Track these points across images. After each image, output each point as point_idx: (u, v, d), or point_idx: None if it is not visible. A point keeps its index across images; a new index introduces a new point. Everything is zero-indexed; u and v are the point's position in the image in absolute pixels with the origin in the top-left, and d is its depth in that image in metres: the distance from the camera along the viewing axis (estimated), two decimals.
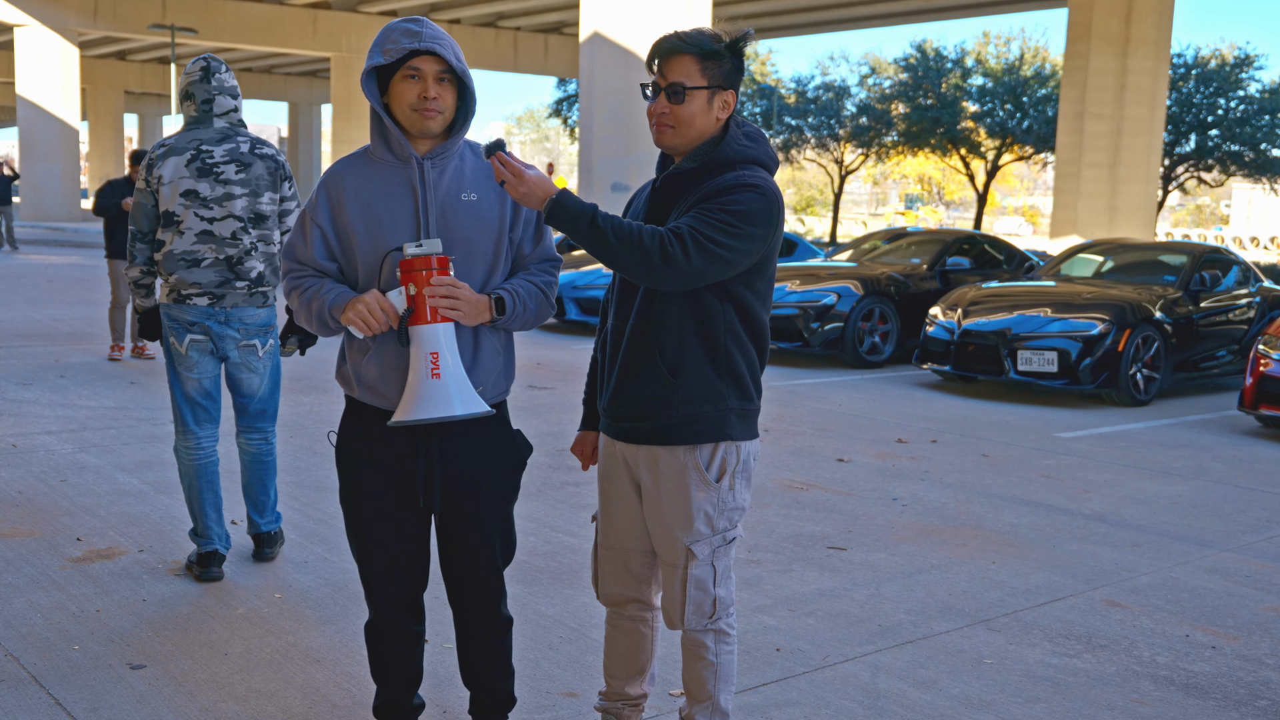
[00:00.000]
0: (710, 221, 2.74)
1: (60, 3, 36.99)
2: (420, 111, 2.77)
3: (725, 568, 3.01)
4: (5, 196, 24.80)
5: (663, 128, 2.85)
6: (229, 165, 4.59)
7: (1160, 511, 6.35)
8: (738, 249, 2.76)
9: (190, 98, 4.67)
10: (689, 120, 2.83)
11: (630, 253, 2.68)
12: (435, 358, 2.73)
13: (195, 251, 4.58)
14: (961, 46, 41.22)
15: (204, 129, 4.64)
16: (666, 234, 2.70)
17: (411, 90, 2.76)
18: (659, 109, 2.84)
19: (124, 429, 7.45)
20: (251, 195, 4.63)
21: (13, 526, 5.28)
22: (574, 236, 2.70)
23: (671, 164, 2.94)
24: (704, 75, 2.81)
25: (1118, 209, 25.12)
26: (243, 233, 4.62)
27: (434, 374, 2.72)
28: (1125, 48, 24.69)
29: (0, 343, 11.06)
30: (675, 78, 2.81)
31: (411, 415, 2.73)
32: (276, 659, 3.92)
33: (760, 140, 2.93)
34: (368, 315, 2.73)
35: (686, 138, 2.85)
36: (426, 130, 2.79)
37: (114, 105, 59.86)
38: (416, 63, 2.75)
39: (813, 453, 7.55)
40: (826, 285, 11.90)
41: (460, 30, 43.20)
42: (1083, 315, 9.99)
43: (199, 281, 4.59)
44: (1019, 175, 78.30)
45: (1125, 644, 4.35)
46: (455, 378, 2.75)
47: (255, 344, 4.73)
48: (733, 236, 2.75)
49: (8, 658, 3.83)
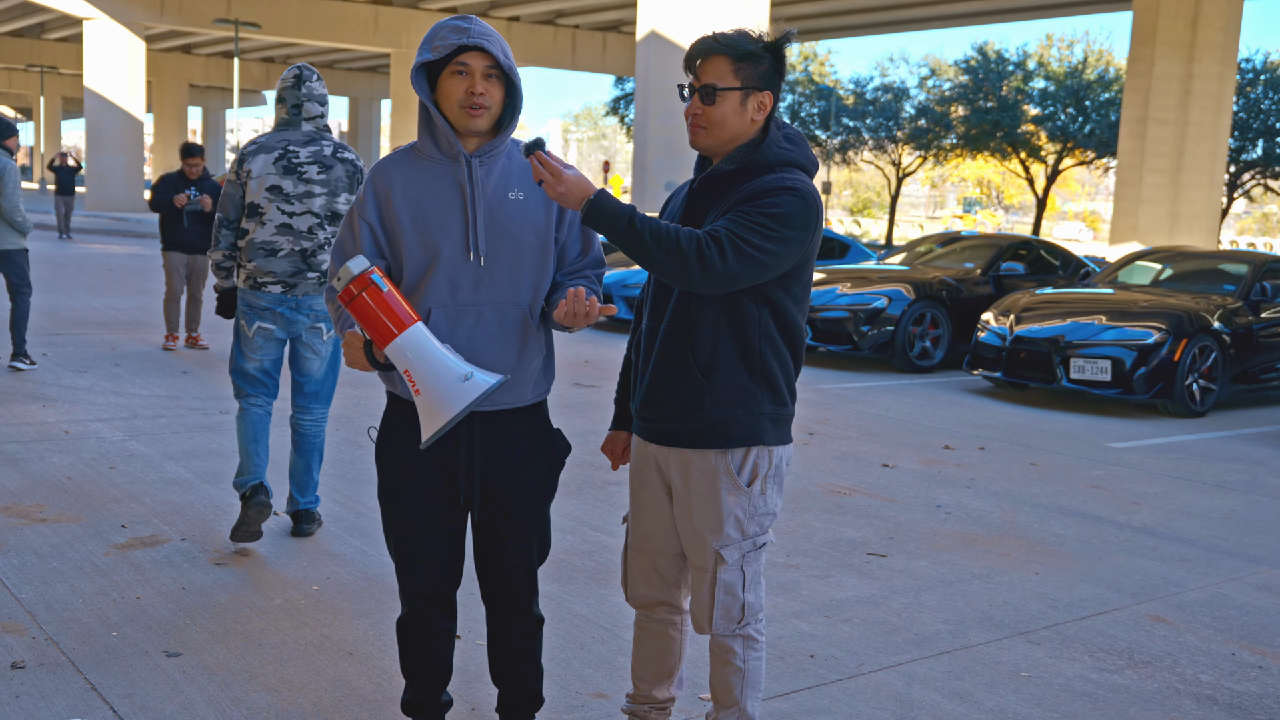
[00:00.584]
0: (747, 224, 2.71)
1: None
2: (467, 108, 2.76)
3: (755, 573, 2.99)
4: (69, 187, 25.29)
5: (696, 129, 2.83)
6: (312, 166, 4.96)
7: (1211, 526, 6.22)
8: (775, 252, 2.74)
9: (282, 101, 5.08)
10: (721, 121, 2.81)
11: (667, 255, 2.67)
12: (409, 375, 2.65)
13: (274, 242, 4.94)
14: (1024, 49, 40.81)
15: (292, 131, 5.03)
16: (704, 237, 2.68)
17: (459, 86, 2.76)
18: (693, 110, 2.82)
19: (174, 418, 7.55)
20: (330, 195, 4.98)
21: (61, 512, 5.36)
22: (611, 238, 2.69)
23: (709, 165, 2.92)
24: (738, 76, 2.79)
25: (1179, 216, 24.71)
26: (318, 228, 4.97)
27: (415, 391, 2.66)
28: (1191, 52, 24.28)
29: (58, 330, 11.26)
30: (708, 79, 2.79)
31: (427, 434, 2.68)
32: (310, 651, 3.94)
33: (800, 143, 2.90)
34: (354, 364, 2.74)
35: (719, 139, 2.83)
36: (473, 127, 2.79)
37: (179, 98, 60.81)
38: (465, 59, 2.75)
39: (857, 457, 7.49)
40: (877, 288, 11.80)
41: (519, 27, 43.40)
42: (1138, 324, 9.83)
43: (274, 270, 4.95)
44: (1080, 180, 77.27)
45: (1168, 661, 4.27)
46: (439, 381, 2.63)
47: (321, 327, 5.06)
48: (770, 240, 2.72)
49: (48, 642, 3.88)
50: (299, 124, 5.03)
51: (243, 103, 74.23)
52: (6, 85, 69.05)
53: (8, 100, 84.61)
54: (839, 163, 47.62)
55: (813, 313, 11.83)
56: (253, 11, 39.02)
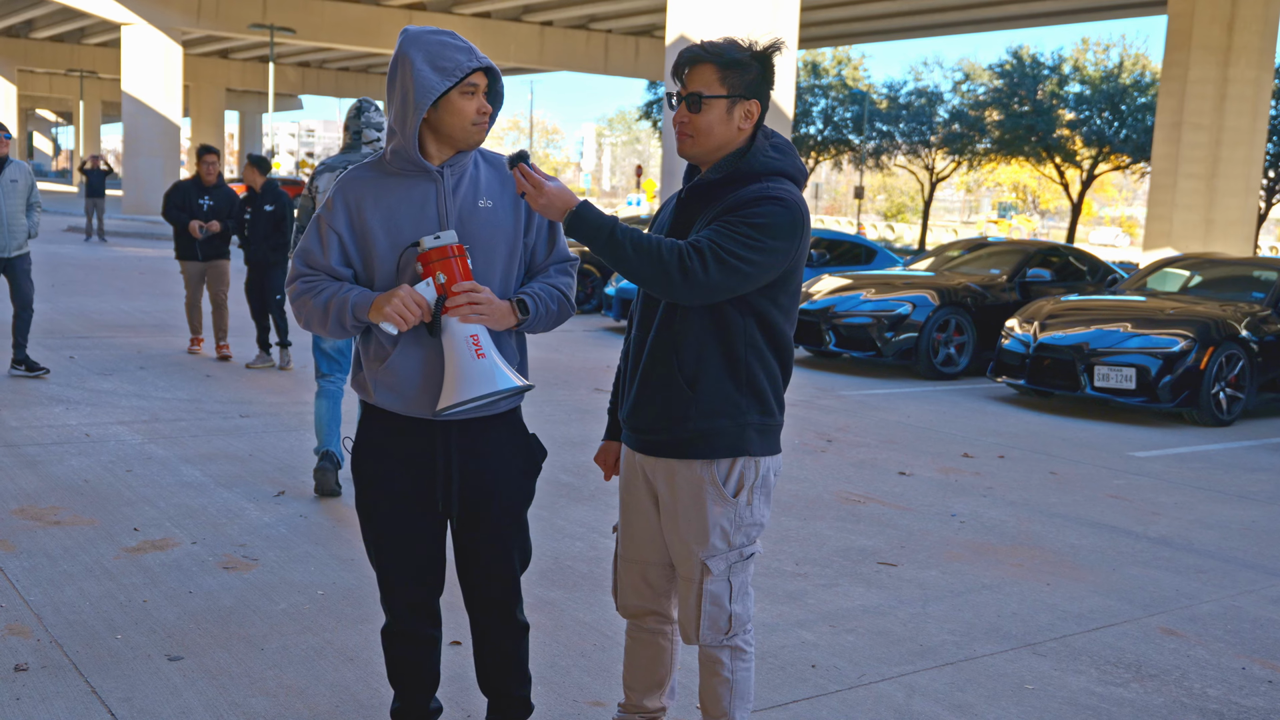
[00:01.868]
0: (731, 235, 2.71)
1: (166, 2, 37.98)
2: (480, 126, 2.82)
3: (742, 584, 2.98)
4: (99, 189, 25.40)
5: (683, 137, 2.83)
6: None
7: (1230, 537, 6.15)
8: (759, 263, 2.73)
9: (346, 129, 6.12)
10: (707, 129, 2.81)
11: (649, 266, 2.67)
12: (476, 339, 2.76)
13: None
14: (1059, 53, 40.41)
15: (353, 153, 6.06)
16: (686, 248, 2.68)
17: (471, 106, 2.80)
18: (680, 118, 2.82)
19: (194, 421, 7.61)
20: None
21: (75, 515, 5.41)
22: (594, 248, 2.70)
23: (697, 174, 2.92)
24: (724, 84, 2.78)
25: (1214, 222, 24.43)
26: None
27: (479, 354, 2.76)
28: (1227, 56, 23.99)
29: (86, 333, 11.37)
30: (695, 86, 2.79)
31: (458, 397, 2.73)
32: (311, 656, 3.96)
33: (788, 152, 2.89)
34: (404, 309, 2.73)
35: (706, 147, 2.83)
36: (478, 142, 2.85)
37: (216, 102, 61.33)
38: (474, 79, 2.81)
39: (874, 465, 7.45)
40: (901, 294, 11.74)
41: (553, 32, 43.51)
42: (1164, 331, 9.72)
43: None
44: (1117, 185, 76.62)
45: (1176, 674, 4.22)
46: (497, 354, 2.80)
47: None
48: (753, 250, 2.71)
49: (52, 644, 3.92)
50: (359, 147, 6.08)
51: (278, 107, 74.81)
52: (48, 90, 69.90)
53: (49, 104, 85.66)
54: (872, 167, 47.43)
55: (836, 319, 11.78)
56: (288, 16, 39.29)
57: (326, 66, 62.58)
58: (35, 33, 53.75)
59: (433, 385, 2.84)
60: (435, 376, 2.83)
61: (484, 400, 2.77)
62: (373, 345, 2.89)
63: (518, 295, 2.88)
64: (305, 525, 5.46)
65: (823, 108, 45.72)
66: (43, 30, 52.89)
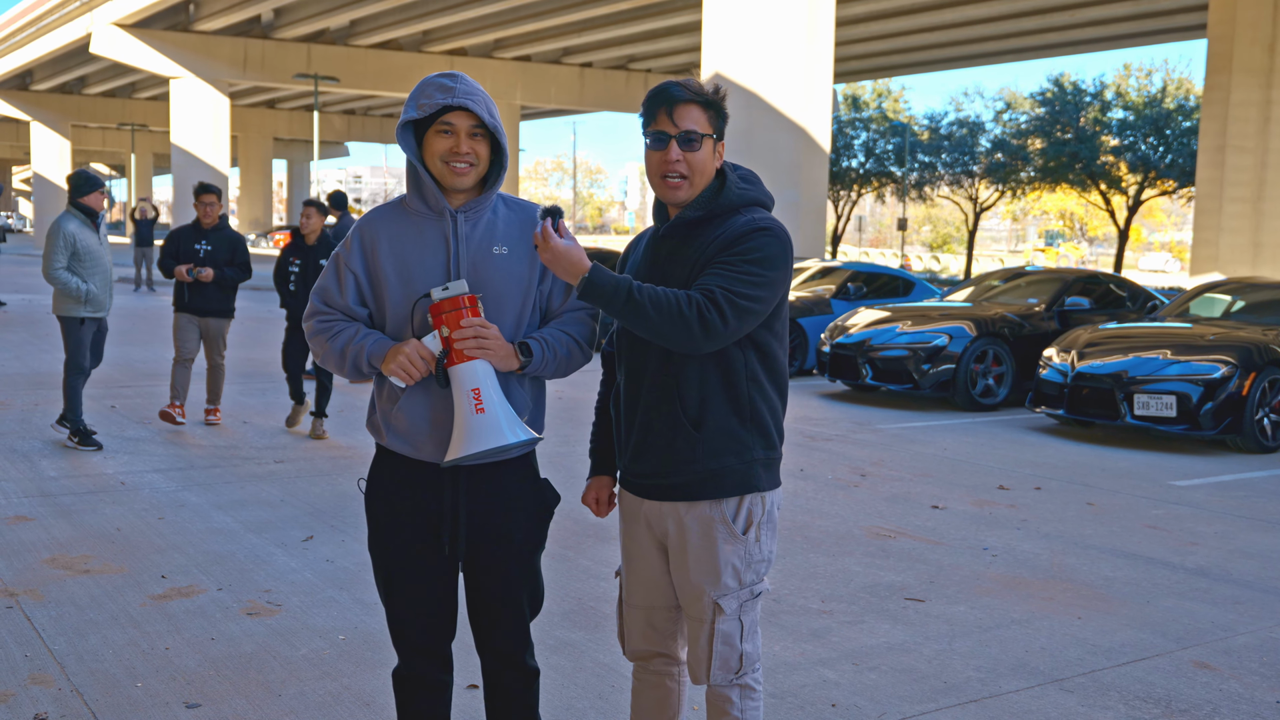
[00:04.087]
0: (737, 277, 2.73)
1: (212, 55, 38.77)
2: (450, 165, 2.81)
3: (752, 622, 2.95)
4: (147, 239, 25.60)
5: (677, 181, 2.83)
6: None
7: (1271, 567, 6.01)
8: (766, 299, 2.77)
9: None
10: (701, 168, 2.83)
11: (670, 324, 2.68)
12: (478, 393, 2.77)
13: None
14: (1100, 79, 40.11)
15: None
16: (702, 301, 2.69)
17: (443, 144, 2.81)
18: (672, 157, 2.82)
19: (229, 468, 7.68)
20: None
21: (105, 563, 5.47)
22: (611, 312, 2.71)
23: (666, 213, 2.93)
24: (710, 124, 2.82)
25: (1262, 245, 24.08)
26: None
27: (478, 409, 2.76)
28: (1269, 78, 23.73)
29: (128, 383, 11.54)
30: (687, 125, 2.80)
31: (463, 451, 2.75)
32: (328, 702, 3.96)
33: (755, 181, 2.95)
34: (409, 365, 2.77)
35: (699, 186, 2.85)
36: (458, 184, 2.84)
37: (264, 151, 62.40)
38: (450, 118, 2.80)
39: (907, 499, 7.37)
40: (938, 326, 11.66)
41: (592, 73, 43.91)
42: (1205, 357, 9.58)
43: None
44: (1166, 211, 75.82)
45: (1207, 709, 4.12)
46: (501, 408, 2.78)
47: None
48: (760, 287, 2.74)
49: (73, 693, 3.95)
50: None
51: (324, 154, 75.90)
52: (101, 144, 71.41)
53: (102, 158, 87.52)
54: (915, 199, 47.28)
55: (872, 351, 11.71)
56: (332, 66, 39.95)
57: (371, 113, 63.48)
58: (88, 88, 55.01)
59: (441, 432, 2.85)
60: (444, 424, 2.84)
61: (488, 453, 2.77)
62: (386, 387, 2.91)
63: (523, 339, 2.89)
64: (330, 570, 5.49)
65: (864, 140, 45.69)
66: (95, 86, 54.12)
